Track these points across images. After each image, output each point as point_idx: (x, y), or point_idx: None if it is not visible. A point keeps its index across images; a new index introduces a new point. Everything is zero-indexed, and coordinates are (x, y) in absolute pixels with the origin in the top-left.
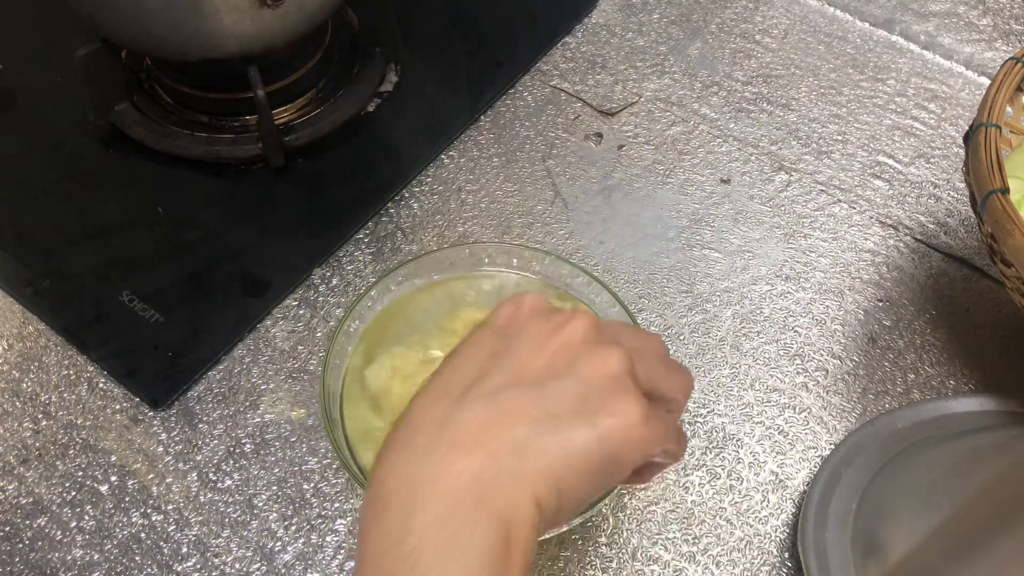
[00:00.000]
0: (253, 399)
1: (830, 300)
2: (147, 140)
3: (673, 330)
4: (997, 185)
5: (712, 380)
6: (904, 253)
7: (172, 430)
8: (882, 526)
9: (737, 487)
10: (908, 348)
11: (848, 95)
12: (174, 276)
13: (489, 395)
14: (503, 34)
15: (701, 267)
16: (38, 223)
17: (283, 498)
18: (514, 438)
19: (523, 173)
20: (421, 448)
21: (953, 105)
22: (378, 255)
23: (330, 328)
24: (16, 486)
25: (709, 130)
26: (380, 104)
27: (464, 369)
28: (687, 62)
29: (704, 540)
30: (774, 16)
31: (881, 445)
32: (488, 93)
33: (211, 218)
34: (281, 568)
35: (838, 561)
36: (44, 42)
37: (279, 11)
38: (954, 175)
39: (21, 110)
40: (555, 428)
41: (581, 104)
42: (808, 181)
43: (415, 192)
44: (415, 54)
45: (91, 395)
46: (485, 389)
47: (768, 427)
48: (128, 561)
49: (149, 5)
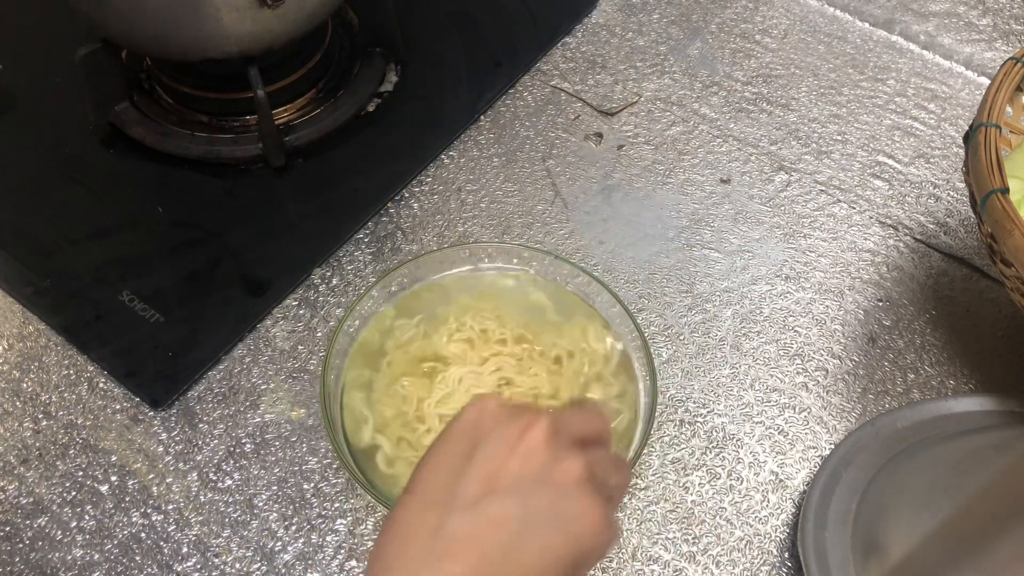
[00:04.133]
0: (253, 399)
1: (830, 300)
2: (147, 140)
3: (673, 330)
4: (997, 185)
5: (712, 380)
6: (904, 253)
7: (172, 430)
8: (882, 526)
9: (737, 487)
10: (908, 348)
11: (848, 95)
12: (174, 276)
13: (473, 504)
14: (503, 34)
15: (701, 267)
16: (38, 223)
17: (283, 498)
18: (501, 544)
19: (523, 173)
20: (414, 560)
21: (953, 105)
22: (378, 255)
23: (330, 328)
24: (16, 486)
25: (709, 130)
26: (380, 104)
27: (441, 475)
28: (687, 62)
29: (704, 540)
30: (774, 16)
31: (881, 445)
32: (488, 93)
33: (211, 218)
34: (281, 568)
35: (838, 561)
36: (44, 42)
37: (279, 11)
38: (954, 175)
39: (21, 110)
40: (535, 534)
41: (581, 104)
42: (808, 181)
43: (415, 192)
44: (415, 54)
45: (91, 395)
46: (467, 499)
47: (768, 427)
48: (128, 561)
49: (149, 5)
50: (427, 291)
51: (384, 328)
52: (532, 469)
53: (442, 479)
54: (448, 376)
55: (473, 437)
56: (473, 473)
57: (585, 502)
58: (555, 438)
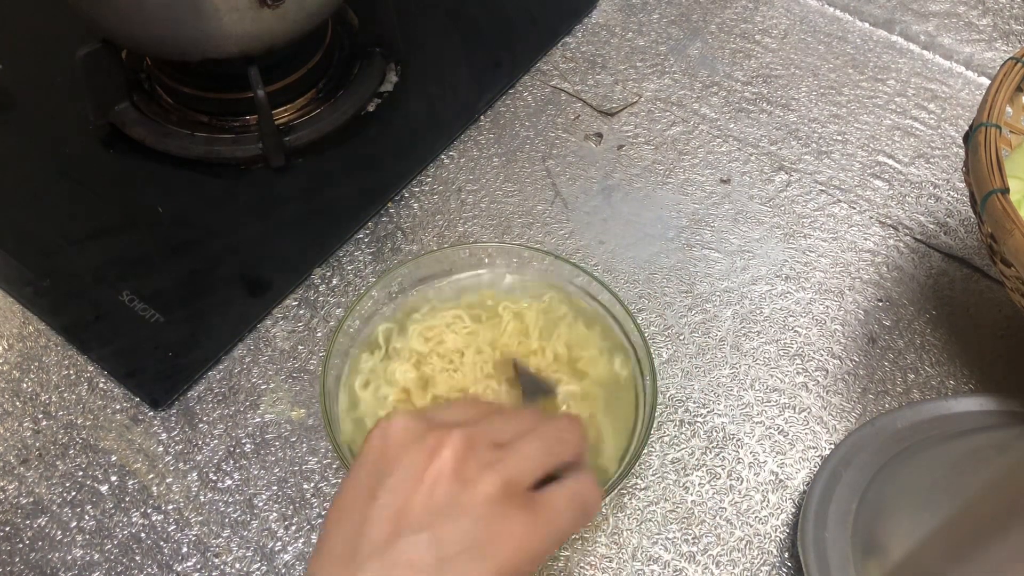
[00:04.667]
0: (253, 399)
1: (830, 300)
2: (147, 140)
3: (673, 330)
4: (997, 185)
5: (712, 380)
6: (904, 253)
7: (172, 430)
8: (882, 526)
9: (737, 487)
10: (908, 348)
11: (848, 95)
12: (174, 276)
13: (382, 551)
14: (503, 34)
15: (701, 267)
16: (38, 223)
17: (283, 498)
18: None
19: (523, 173)
20: None
21: (953, 105)
22: (378, 255)
23: (330, 328)
24: (16, 486)
25: (709, 130)
26: (380, 104)
27: (348, 521)
28: (687, 62)
29: (704, 540)
30: (774, 16)
31: (881, 445)
32: (488, 93)
33: (211, 218)
34: (281, 568)
35: (838, 561)
36: (44, 42)
37: (279, 11)
38: (954, 175)
39: (21, 110)
40: (454, 568)
41: (581, 104)
42: (808, 181)
43: (415, 192)
44: (415, 54)
45: (91, 395)
46: (377, 544)
47: (768, 427)
48: (128, 561)
49: (149, 5)
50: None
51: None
52: (441, 499)
53: (348, 528)
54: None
55: (378, 470)
56: (379, 514)
57: (502, 522)
58: (469, 454)
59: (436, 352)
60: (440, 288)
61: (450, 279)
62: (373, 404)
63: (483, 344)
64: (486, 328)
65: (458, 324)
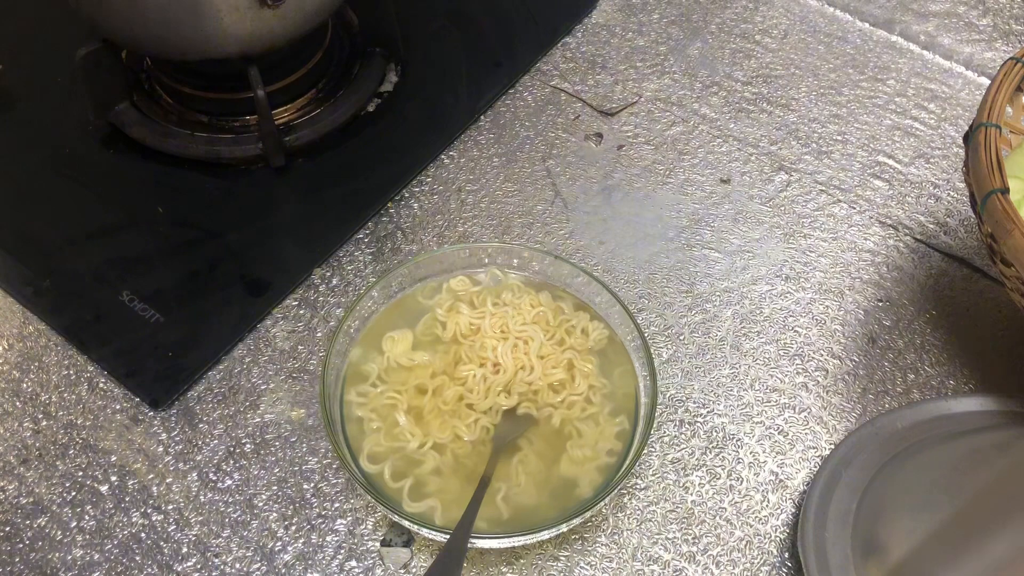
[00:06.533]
0: (253, 399)
1: (830, 300)
2: (147, 140)
3: (673, 330)
4: (997, 185)
5: (712, 380)
6: (904, 253)
7: (172, 430)
8: (882, 526)
9: (737, 487)
10: (908, 348)
11: (848, 95)
12: (174, 276)
13: None
14: (503, 34)
15: (701, 267)
16: (38, 223)
17: (283, 498)
18: None
19: (523, 173)
20: None
21: (953, 105)
22: (378, 255)
23: (330, 328)
24: (16, 486)
25: (709, 130)
26: (380, 104)
27: None
28: (687, 62)
29: (704, 540)
30: (774, 16)
31: (881, 445)
32: (488, 93)
33: (211, 218)
34: (281, 568)
35: (838, 561)
36: (44, 42)
37: (279, 11)
38: (954, 175)
39: (21, 110)
40: None
41: (581, 104)
42: (808, 181)
43: (415, 192)
44: (415, 54)
45: (91, 395)
46: None
47: (768, 427)
48: (128, 561)
49: (149, 5)
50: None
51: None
52: None
53: None
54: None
55: None
56: None
57: None
58: None
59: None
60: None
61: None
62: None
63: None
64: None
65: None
